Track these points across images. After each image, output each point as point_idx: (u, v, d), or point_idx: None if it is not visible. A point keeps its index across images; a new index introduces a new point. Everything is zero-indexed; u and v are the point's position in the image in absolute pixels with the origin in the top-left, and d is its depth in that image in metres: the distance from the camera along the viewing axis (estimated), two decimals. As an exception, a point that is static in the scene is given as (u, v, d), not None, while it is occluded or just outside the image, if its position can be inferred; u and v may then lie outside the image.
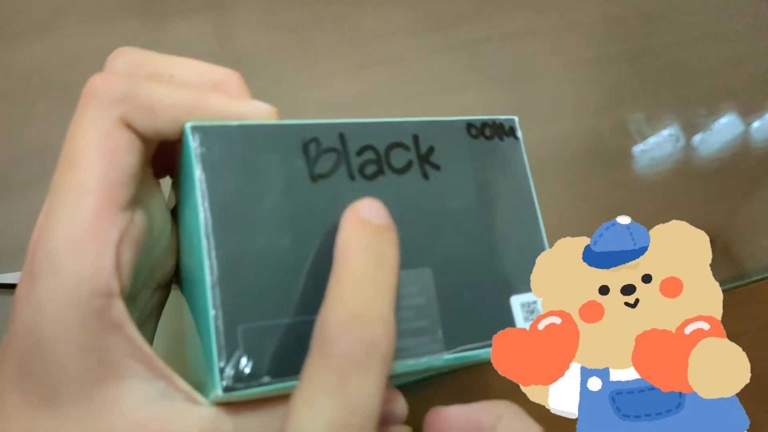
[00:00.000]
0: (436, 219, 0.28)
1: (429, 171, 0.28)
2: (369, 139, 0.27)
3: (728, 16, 0.62)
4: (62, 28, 0.57)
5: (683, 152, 0.53)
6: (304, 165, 0.26)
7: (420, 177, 0.28)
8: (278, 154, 0.26)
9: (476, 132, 0.30)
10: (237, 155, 0.25)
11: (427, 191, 0.28)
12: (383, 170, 0.27)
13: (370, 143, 0.27)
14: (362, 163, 0.27)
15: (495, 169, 0.30)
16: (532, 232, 0.31)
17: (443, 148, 0.29)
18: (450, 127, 0.29)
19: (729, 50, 0.60)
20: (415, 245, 0.27)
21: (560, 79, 0.57)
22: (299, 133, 0.26)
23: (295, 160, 0.26)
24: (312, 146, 0.26)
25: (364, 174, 0.27)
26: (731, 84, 0.57)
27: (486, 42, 0.59)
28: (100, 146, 0.22)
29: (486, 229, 0.29)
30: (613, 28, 0.61)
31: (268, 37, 0.59)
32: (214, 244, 0.24)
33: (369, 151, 0.27)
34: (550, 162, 0.50)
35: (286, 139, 0.26)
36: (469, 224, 0.29)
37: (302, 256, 0.25)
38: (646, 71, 0.58)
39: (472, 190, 0.29)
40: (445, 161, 0.29)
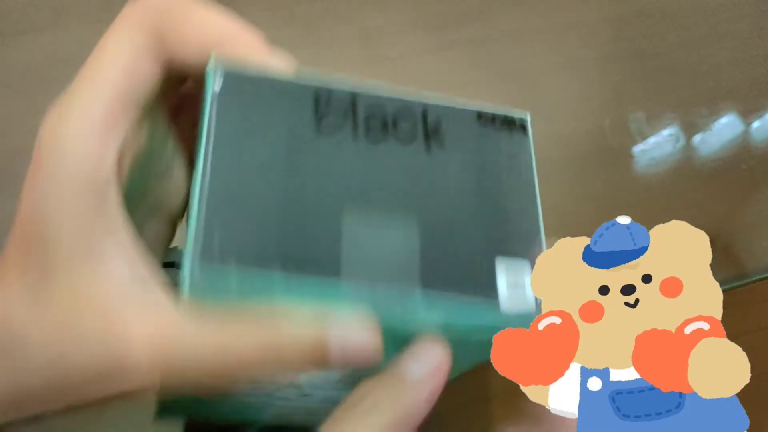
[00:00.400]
0: (432, 189, 0.28)
1: (433, 146, 0.29)
2: (379, 106, 0.28)
3: (728, 17, 0.62)
4: (64, 26, 0.57)
5: (683, 152, 0.53)
6: (311, 118, 0.27)
7: (423, 150, 0.28)
8: (289, 104, 0.27)
9: (486, 121, 0.31)
10: (251, 99, 0.26)
11: (427, 164, 0.28)
12: (387, 137, 0.28)
13: (380, 109, 0.28)
14: (368, 127, 0.28)
15: (499, 160, 0.30)
16: (530, 224, 0.31)
17: (450, 130, 0.29)
18: (461, 112, 0.30)
19: (729, 51, 0.60)
20: (405, 202, 0.27)
21: (561, 78, 0.57)
22: (313, 87, 0.27)
23: (304, 112, 0.27)
24: (323, 101, 0.27)
25: (369, 137, 0.28)
26: (731, 84, 0.57)
27: (488, 41, 0.59)
28: (124, 63, 0.24)
29: (480, 207, 0.29)
30: (615, 29, 0.61)
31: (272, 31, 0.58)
32: (210, 170, 0.25)
33: (377, 117, 0.28)
34: (550, 161, 0.50)
35: (300, 91, 0.27)
36: (464, 201, 0.29)
37: (292, 200, 0.26)
38: (646, 71, 0.58)
39: (472, 174, 0.29)
40: (450, 141, 0.29)
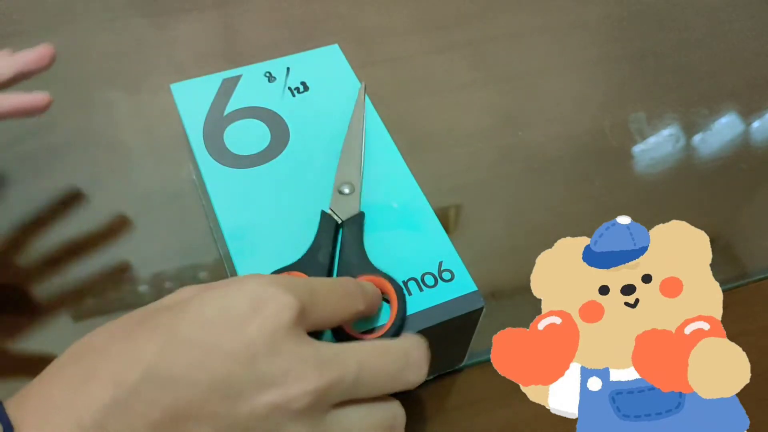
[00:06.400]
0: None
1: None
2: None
3: (729, 17, 0.62)
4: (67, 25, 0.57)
5: (683, 152, 0.53)
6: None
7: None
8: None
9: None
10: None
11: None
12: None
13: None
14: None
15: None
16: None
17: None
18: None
19: (729, 51, 0.60)
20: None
21: (562, 78, 0.57)
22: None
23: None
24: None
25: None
26: (732, 84, 0.57)
27: (488, 41, 0.59)
28: None
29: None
30: (615, 29, 0.61)
31: (272, 34, 0.59)
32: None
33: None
34: (551, 161, 0.50)
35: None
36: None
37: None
38: (646, 71, 0.58)
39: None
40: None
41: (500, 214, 0.47)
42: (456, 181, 0.48)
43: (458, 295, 0.34)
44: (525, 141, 0.51)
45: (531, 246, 0.34)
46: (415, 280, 0.34)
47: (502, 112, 0.53)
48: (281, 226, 0.36)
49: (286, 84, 0.43)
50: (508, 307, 0.42)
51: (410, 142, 0.40)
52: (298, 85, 0.43)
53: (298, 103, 0.42)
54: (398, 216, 0.37)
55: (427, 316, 0.33)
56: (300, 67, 0.44)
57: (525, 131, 0.52)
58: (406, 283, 0.34)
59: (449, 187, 0.48)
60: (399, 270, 0.35)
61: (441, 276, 0.35)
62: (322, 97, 0.42)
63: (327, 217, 0.36)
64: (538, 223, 0.46)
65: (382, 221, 0.37)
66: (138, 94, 0.53)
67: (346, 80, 0.43)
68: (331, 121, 0.41)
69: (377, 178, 0.38)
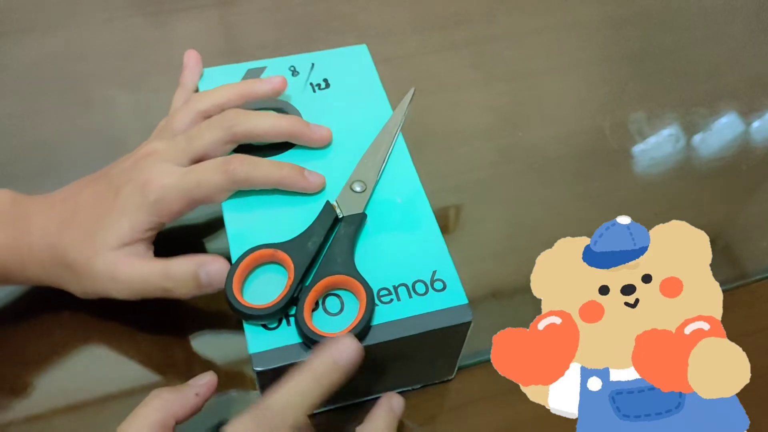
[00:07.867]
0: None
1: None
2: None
3: (728, 18, 0.63)
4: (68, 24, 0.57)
5: (683, 152, 0.53)
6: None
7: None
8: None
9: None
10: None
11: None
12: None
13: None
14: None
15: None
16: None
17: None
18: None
19: (729, 52, 0.60)
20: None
21: (562, 78, 0.57)
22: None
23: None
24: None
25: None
26: (731, 85, 0.57)
27: (489, 41, 0.59)
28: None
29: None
30: (615, 30, 0.61)
31: (272, 32, 0.59)
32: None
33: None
34: (551, 161, 0.50)
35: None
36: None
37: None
38: (646, 71, 0.58)
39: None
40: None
41: (500, 214, 0.47)
42: (456, 180, 0.48)
43: (447, 306, 0.33)
44: (525, 141, 0.51)
45: (531, 246, 0.34)
46: (406, 286, 0.34)
47: (502, 112, 0.53)
48: (281, 206, 0.37)
49: (308, 79, 0.43)
50: (508, 307, 0.42)
51: (410, 142, 0.40)
52: (320, 82, 0.43)
53: (317, 99, 0.42)
54: (399, 220, 0.37)
55: (412, 323, 0.33)
56: (325, 64, 0.44)
57: (525, 131, 0.52)
58: (397, 288, 0.34)
59: (449, 186, 0.48)
60: (391, 274, 0.34)
61: (432, 285, 0.34)
62: (342, 95, 0.43)
63: (329, 208, 0.36)
64: (538, 223, 0.46)
65: (382, 223, 0.37)
66: (138, 92, 0.53)
67: (369, 81, 0.44)
68: (347, 120, 0.41)
69: (385, 179, 0.38)
